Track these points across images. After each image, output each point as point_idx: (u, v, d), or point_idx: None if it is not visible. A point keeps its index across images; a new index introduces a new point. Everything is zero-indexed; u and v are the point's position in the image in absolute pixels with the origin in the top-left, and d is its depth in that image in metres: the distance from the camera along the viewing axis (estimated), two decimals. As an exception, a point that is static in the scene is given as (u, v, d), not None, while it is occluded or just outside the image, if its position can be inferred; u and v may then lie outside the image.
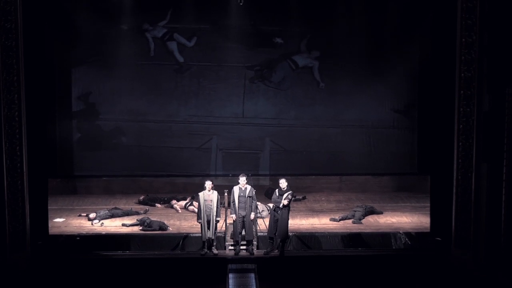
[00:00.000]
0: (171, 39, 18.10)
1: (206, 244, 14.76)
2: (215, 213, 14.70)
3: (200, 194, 14.83)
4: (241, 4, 16.78)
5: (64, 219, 16.87)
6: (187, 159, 18.46)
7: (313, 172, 19.27)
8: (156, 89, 18.17)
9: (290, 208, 15.07)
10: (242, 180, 14.86)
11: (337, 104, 18.35)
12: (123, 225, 16.34)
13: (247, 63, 18.41)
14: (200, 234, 14.85)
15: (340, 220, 16.70)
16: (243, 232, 14.80)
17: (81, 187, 19.86)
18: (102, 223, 16.45)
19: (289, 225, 14.92)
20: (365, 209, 17.25)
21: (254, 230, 14.92)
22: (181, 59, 18.27)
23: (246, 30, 18.12)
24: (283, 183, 14.84)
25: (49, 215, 15.80)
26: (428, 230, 15.79)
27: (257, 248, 14.96)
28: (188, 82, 18.28)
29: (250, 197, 14.77)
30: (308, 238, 15.40)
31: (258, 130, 18.52)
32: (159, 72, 18.21)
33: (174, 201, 18.15)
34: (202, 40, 18.16)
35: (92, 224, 16.40)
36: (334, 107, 18.38)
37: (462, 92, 14.36)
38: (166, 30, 17.94)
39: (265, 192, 18.45)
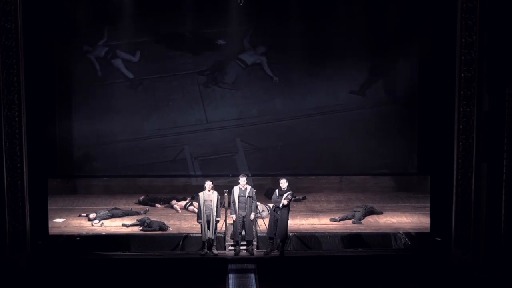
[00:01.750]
0: (115, 57, 18.02)
1: (206, 244, 14.76)
2: (215, 213, 14.70)
3: (200, 194, 14.83)
4: (241, 4, 16.78)
5: (64, 219, 16.87)
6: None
7: (313, 172, 19.27)
8: (114, 108, 18.17)
9: (290, 208, 15.07)
10: (242, 180, 14.85)
11: (296, 95, 18.35)
12: (123, 225, 16.34)
13: (196, 69, 18.42)
14: (200, 234, 14.85)
15: (340, 220, 16.70)
16: (243, 232, 14.80)
17: (81, 187, 19.87)
18: (102, 223, 16.45)
19: (289, 225, 14.92)
20: (365, 209, 17.25)
21: (254, 230, 14.92)
22: (130, 75, 18.23)
23: (187, 36, 18.11)
24: (283, 183, 14.83)
25: (49, 215, 15.80)
26: (428, 230, 15.79)
27: (257, 248, 14.96)
28: (144, 97, 18.26)
29: (250, 197, 14.77)
30: (308, 238, 15.40)
31: (226, 133, 18.57)
32: (111, 91, 18.19)
33: (174, 201, 18.15)
34: (146, 53, 18.13)
35: (92, 224, 16.40)
36: (293, 98, 18.39)
37: (462, 92, 14.36)
38: (108, 49, 17.86)
39: (265, 192, 18.46)
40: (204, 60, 18.44)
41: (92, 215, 16.70)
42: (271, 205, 15.37)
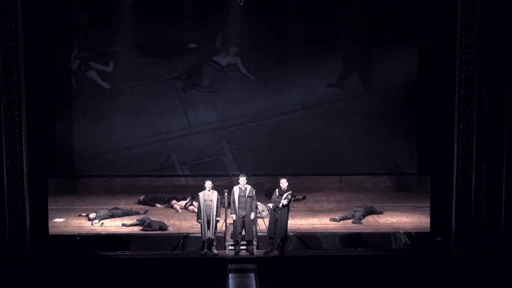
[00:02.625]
0: (89, 68, 18.02)
1: (206, 244, 14.76)
2: (215, 213, 14.69)
3: (200, 194, 14.83)
4: (241, 4, 16.79)
5: (64, 219, 16.87)
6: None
7: (312, 172, 19.29)
8: (96, 119, 18.18)
9: (290, 208, 15.07)
10: (242, 180, 14.85)
11: (275, 93, 18.38)
12: (123, 225, 16.34)
13: (172, 74, 18.43)
14: (200, 234, 14.85)
15: (340, 220, 16.70)
16: (243, 232, 14.80)
17: (81, 187, 19.86)
18: (102, 223, 16.45)
19: (289, 225, 14.92)
20: (365, 209, 17.25)
21: (254, 230, 14.92)
22: (107, 86, 18.23)
23: (159, 43, 18.11)
24: (283, 183, 14.83)
25: (49, 215, 15.79)
26: (428, 230, 15.79)
27: (257, 248, 14.96)
28: (124, 106, 18.26)
29: (250, 197, 14.77)
30: (308, 238, 15.40)
31: (211, 136, 18.59)
32: (90, 103, 18.19)
33: (174, 201, 18.15)
34: (120, 62, 18.14)
35: (92, 224, 16.40)
36: (273, 96, 18.41)
37: (462, 92, 14.35)
38: (80, 61, 17.88)
39: (265, 192, 18.45)
40: (178, 65, 18.45)
41: (92, 215, 16.70)
42: (271, 205, 15.38)
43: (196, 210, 16.01)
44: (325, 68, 18.38)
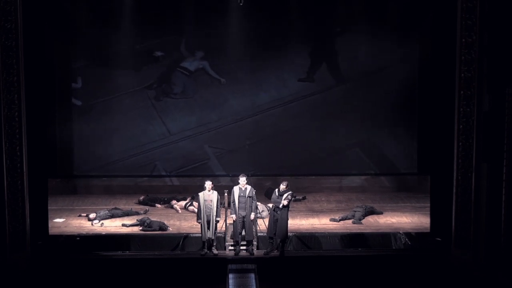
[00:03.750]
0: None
1: (206, 244, 14.75)
2: (215, 213, 14.69)
3: (200, 194, 14.83)
4: (241, 4, 16.80)
5: (64, 219, 16.87)
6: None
7: (312, 172, 19.34)
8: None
9: (290, 208, 15.07)
10: (242, 180, 14.84)
11: (248, 92, 18.47)
12: (123, 225, 16.34)
13: (142, 84, 18.45)
14: (200, 234, 14.85)
15: (340, 220, 16.70)
16: (243, 232, 14.79)
17: (81, 187, 19.86)
18: (102, 223, 16.45)
19: (289, 225, 14.91)
20: (365, 209, 17.24)
21: (254, 230, 14.91)
22: (78, 103, 18.23)
23: (125, 54, 18.16)
24: (283, 184, 14.83)
25: (49, 215, 15.79)
26: (428, 230, 15.79)
27: (257, 248, 14.95)
28: (99, 121, 18.37)
29: (250, 197, 14.77)
30: (308, 238, 15.40)
31: (192, 142, 18.66)
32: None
33: (174, 201, 18.15)
34: (88, 78, 18.15)
35: (92, 224, 16.40)
36: (246, 96, 18.50)
37: (462, 92, 14.35)
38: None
39: (265, 192, 18.43)
40: (147, 75, 18.50)
41: (92, 215, 16.70)
42: (271, 205, 15.37)
43: (196, 210, 16.00)
44: (294, 63, 18.42)
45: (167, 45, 18.48)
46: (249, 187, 14.84)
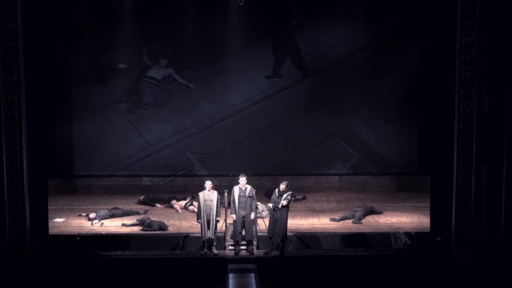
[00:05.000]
0: None
1: (206, 244, 14.76)
2: (215, 213, 14.69)
3: (200, 194, 14.83)
4: (241, 4, 16.81)
5: (64, 219, 16.86)
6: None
7: (312, 172, 19.33)
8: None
9: (290, 208, 15.07)
10: (242, 180, 14.84)
11: (220, 95, 18.43)
12: (123, 225, 16.34)
13: (112, 98, 18.38)
14: (200, 234, 14.85)
15: (340, 220, 16.70)
16: (243, 232, 14.79)
17: (81, 187, 19.86)
18: (102, 223, 16.44)
19: (289, 225, 14.92)
20: (365, 209, 17.24)
21: (254, 230, 14.91)
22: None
23: (86, 69, 18.14)
24: (283, 183, 14.84)
25: (49, 215, 15.78)
26: (428, 230, 15.78)
27: (257, 248, 14.96)
28: (74, 139, 18.35)
29: (250, 197, 14.77)
30: (308, 238, 15.39)
31: (174, 150, 18.66)
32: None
33: (174, 201, 18.14)
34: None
35: (92, 224, 16.39)
36: (218, 98, 18.49)
37: (462, 92, 14.35)
38: None
39: (265, 192, 18.44)
40: (114, 88, 18.42)
41: (92, 215, 16.70)
42: (271, 205, 15.37)
43: (196, 210, 16.00)
44: (260, 61, 18.43)
45: (129, 56, 18.38)
46: (249, 187, 14.84)
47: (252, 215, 14.80)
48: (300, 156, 18.99)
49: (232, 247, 14.95)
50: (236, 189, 14.81)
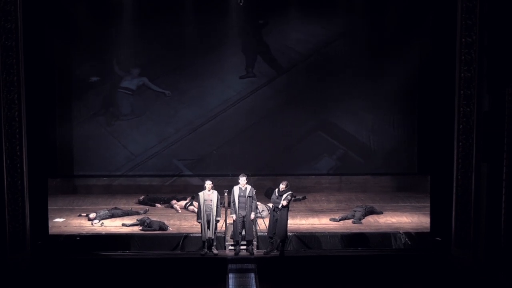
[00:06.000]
0: None
1: (206, 244, 14.76)
2: (215, 213, 14.69)
3: (200, 194, 14.83)
4: (241, 4, 16.81)
5: (64, 219, 16.86)
6: None
7: (312, 173, 19.32)
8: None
9: (290, 208, 15.07)
10: (242, 180, 14.84)
11: (197, 99, 18.38)
12: (123, 225, 16.34)
13: (90, 112, 18.33)
14: (200, 234, 14.85)
15: (340, 220, 16.70)
16: (243, 232, 14.79)
17: (81, 187, 19.86)
18: (102, 223, 16.44)
19: (289, 225, 14.92)
20: (365, 209, 17.24)
21: (254, 230, 14.91)
22: None
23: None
24: (283, 183, 14.83)
25: (49, 215, 15.78)
26: (428, 230, 15.78)
27: (257, 248, 14.96)
28: None
29: (250, 197, 14.77)
30: (308, 238, 15.40)
31: (160, 158, 18.64)
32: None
33: (174, 201, 18.14)
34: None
35: (92, 224, 16.40)
36: (195, 103, 18.42)
37: (462, 92, 14.35)
38: None
39: (265, 192, 18.44)
40: (90, 102, 18.34)
41: (92, 215, 16.70)
42: (271, 205, 15.37)
43: (196, 210, 16.00)
44: (232, 62, 18.40)
45: (100, 68, 18.32)
46: (249, 187, 14.84)
47: (252, 215, 14.80)
48: (285, 153, 18.92)
49: (232, 247, 14.95)
50: (236, 189, 14.81)
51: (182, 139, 18.63)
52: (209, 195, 14.76)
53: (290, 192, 14.82)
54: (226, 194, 15.00)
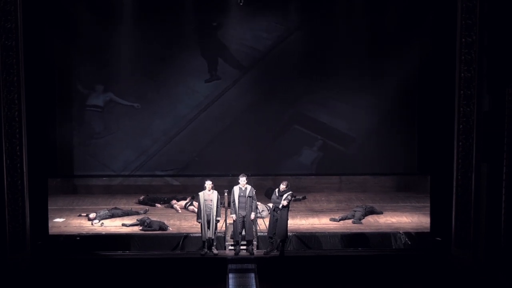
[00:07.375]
0: None
1: (206, 244, 14.76)
2: (215, 213, 14.69)
3: (200, 194, 14.83)
4: (241, 4, 16.78)
5: (64, 219, 16.87)
6: None
7: (312, 173, 19.29)
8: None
9: (290, 208, 15.07)
10: (242, 180, 14.84)
11: (167, 108, 18.26)
12: (123, 225, 16.34)
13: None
14: (200, 234, 14.85)
15: (340, 220, 16.70)
16: (243, 232, 14.80)
17: (81, 187, 19.86)
18: (102, 223, 16.45)
19: (289, 225, 14.92)
20: (365, 209, 17.25)
21: (254, 230, 14.91)
22: None
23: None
24: (283, 183, 14.84)
25: (49, 215, 15.79)
26: (428, 230, 15.79)
27: (257, 248, 14.96)
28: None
29: (250, 197, 14.77)
30: (308, 238, 15.40)
31: (148, 168, 18.40)
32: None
33: (174, 201, 18.15)
34: None
35: (92, 224, 16.40)
36: (166, 112, 18.27)
37: (462, 92, 14.36)
38: None
39: (265, 192, 18.44)
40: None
41: (92, 215, 16.70)
42: (271, 205, 15.38)
43: (196, 210, 16.01)
44: (193, 66, 18.30)
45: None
46: (249, 187, 14.84)
47: (252, 215, 14.80)
48: (266, 150, 18.79)
49: (232, 247, 14.95)
50: (236, 189, 14.81)
51: (161, 149, 18.30)
52: (209, 195, 14.76)
53: (290, 192, 14.82)
54: (226, 194, 15.00)
